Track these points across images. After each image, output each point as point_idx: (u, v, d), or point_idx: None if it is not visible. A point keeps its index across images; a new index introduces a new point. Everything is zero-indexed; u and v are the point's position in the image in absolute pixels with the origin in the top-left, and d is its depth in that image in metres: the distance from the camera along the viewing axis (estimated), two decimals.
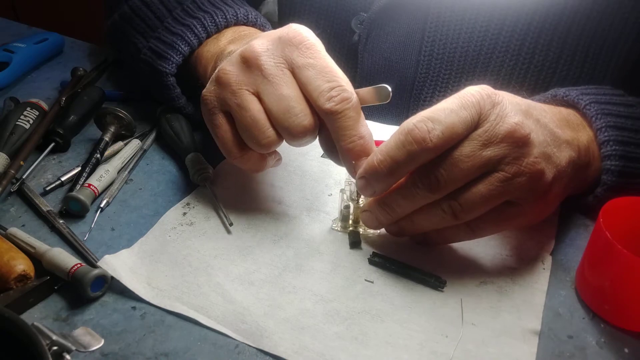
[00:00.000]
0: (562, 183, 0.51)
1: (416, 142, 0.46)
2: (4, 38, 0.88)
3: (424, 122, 0.46)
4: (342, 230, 0.56)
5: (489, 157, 0.47)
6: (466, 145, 0.47)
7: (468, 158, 0.46)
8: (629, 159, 0.54)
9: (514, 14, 0.64)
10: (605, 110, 0.55)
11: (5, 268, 0.49)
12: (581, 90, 0.58)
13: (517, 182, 0.47)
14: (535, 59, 0.65)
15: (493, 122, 0.47)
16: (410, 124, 0.47)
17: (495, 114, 0.47)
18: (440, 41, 0.68)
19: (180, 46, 0.64)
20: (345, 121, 0.50)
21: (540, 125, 0.50)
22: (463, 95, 0.48)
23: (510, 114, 0.48)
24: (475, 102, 0.47)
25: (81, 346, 0.44)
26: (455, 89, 0.69)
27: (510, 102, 0.49)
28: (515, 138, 0.47)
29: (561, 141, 0.51)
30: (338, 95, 0.50)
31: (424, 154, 0.46)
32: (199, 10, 0.66)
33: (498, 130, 0.47)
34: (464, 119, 0.47)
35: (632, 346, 0.47)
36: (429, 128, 0.46)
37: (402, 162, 0.47)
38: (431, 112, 0.47)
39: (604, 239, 0.46)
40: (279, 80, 0.51)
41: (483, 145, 0.47)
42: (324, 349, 0.45)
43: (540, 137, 0.49)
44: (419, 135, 0.46)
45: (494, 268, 0.53)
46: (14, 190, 0.60)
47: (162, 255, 0.53)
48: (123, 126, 0.68)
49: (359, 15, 0.72)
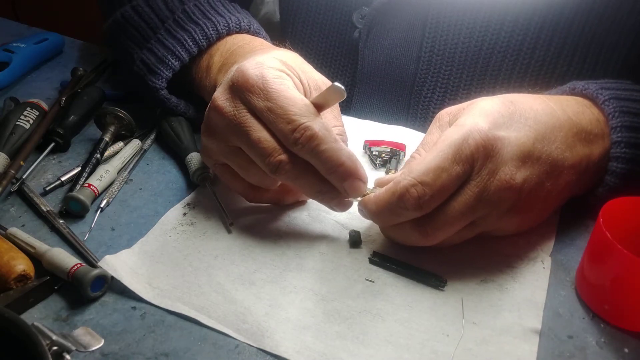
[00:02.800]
0: (552, 208, 0.55)
1: (407, 206, 0.48)
2: (4, 38, 0.88)
3: (415, 187, 0.48)
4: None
5: (479, 210, 0.49)
6: (458, 200, 0.49)
7: (460, 214, 0.49)
8: (636, 162, 0.54)
9: (516, 9, 0.64)
10: (624, 108, 0.54)
11: (5, 268, 0.49)
12: (601, 84, 0.57)
13: (504, 226, 0.52)
14: (536, 55, 0.65)
15: (485, 177, 0.49)
16: (403, 188, 0.48)
17: (488, 168, 0.49)
18: (442, 37, 0.68)
19: (171, 61, 0.64)
20: (319, 156, 0.49)
21: (540, 163, 0.51)
22: (460, 145, 0.48)
23: (504, 169, 0.49)
24: (470, 154, 0.48)
25: (81, 346, 0.44)
26: (456, 85, 0.69)
27: (508, 150, 0.49)
28: (505, 194, 0.49)
29: (563, 168, 0.52)
30: (302, 137, 0.49)
31: (414, 214, 0.49)
32: (190, 21, 0.66)
33: (489, 187, 0.49)
34: (455, 175, 0.48)
35: (632, 346, 0.47)
36: (419, 193, 0.48)
37: (393, 217, 0.51)
38: (423, 174, 0.48)
39: (604, 239, 0.46)
40: (246, 127, 0.51)
41: (474, 200, 0.49)
42: (325, 349, 0.45)
43: (533, 182, 0.50)
44: (410, 201, 0.48)
45: (494, 267, 0.53)
46: (14, 190, 0.60)
47: (162, 256, 0.53)
48: (123, 126, 0.68)
49: (360, 9, 0.72)
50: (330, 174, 0.50)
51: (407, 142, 0.66)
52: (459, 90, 0.69)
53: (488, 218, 0.50)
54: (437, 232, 0.50)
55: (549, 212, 0.55)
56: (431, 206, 0.49)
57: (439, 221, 0.49)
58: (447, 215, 0.49)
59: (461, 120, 0.50)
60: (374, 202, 0.51)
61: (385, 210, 0.50)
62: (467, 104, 0.53)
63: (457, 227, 0.50)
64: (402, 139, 0.66)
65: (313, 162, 0.50)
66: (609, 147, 0.54)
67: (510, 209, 0.50)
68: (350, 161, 0.50)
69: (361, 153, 0.66)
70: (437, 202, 0.49)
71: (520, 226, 0.53)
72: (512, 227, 0.53)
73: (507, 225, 0.52)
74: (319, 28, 0.74)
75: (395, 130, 0.70)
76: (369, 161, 0.65)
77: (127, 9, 0.69)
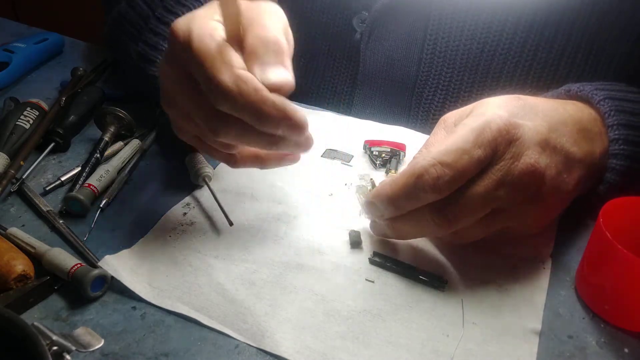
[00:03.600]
0: (565, 203, 0.54)
1: (426, 187, 0.46)
2: (4, 38, 0.88)
3: (434, 166, 0.46)
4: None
5: (502, 197, 0.48)
6: (480, 184, 0.47)
7: (481, 198, 0.47)
8: (635, 159, 0.54)
9: (517, 11, 0.64)
10: (619, 107, 0.55)
11: (5, 268, 0.49)
12: (596, 85, 0.57)
13: (521, 218, 0.50)
14: (537, 57, 0.65)
15: (509, 161, 0.48)
16: (422, 168, 0.46)
17: (512, 152, 0.48)
18: (443, 39, 0.68)
19: (164, 46, 0.64)
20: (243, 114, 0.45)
21: (556, 152, 0.50)
22: (481, 129, 0.47)
23: (527, 153, 0.48)
24: (492, 139, 0.47)
25: (81, 346, 0.44)
26: (457, 88, 0.69)
27: (529, 135, 0.49)
28: (528, 179, 0.48)
29: (575, 161, 0.52)
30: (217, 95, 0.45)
31: (433, 196, 0.47)
32: (178, 4, 0.65)
33: (513, 171, 0.47)
34: (477, 159, 0.47)
35: (632, 346, 0.47)
36: (439, 174, 0.46)
37: (411, 201, 0.48)
38: (443, 154, 0.46)
39: (604, 239, 0.46)
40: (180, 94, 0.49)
41: (497, 184, 0.47)
42: (325, 349, 0.45)
43: (553, 171, 0.50)
44: (429, 182, 0.46)
45: (494, 267, 0.53)
46: (14, 190, 0.60)
47: (162, 256, 0.53)
48: (123, 126, 0.68)
49: (360, 14, 0.72)
50: (261, 127, 0.46)
51: (407, 142, 0.66)
52: (460, 92, 0.69)
53: (509, 208, 0.49)
54: (457, 216, 0.47)
55: (562, 209, 0.54)
56: (451, 188, 0.47)
57: (459, 204, 0.47)
58: (468, 199, 0.47)
59: (479, 111, 0.50)
60: (389, 185, 0.49)
61: (401, 194, 0.48)
62: (474, 105, 0.52)
63: (479, 213, 0.48)
64: (402, 139, 0.66)
65: (242, 118, 0.46)
66: (607, 146, 0.55)
67: (532, 197, 0.49)
68: (275, 110, 0.45)
69: (361, 153, 0.66)
70: (457, 185, 0.47)
71: (537, 221, 0.52)
72: (530, 221, 0.51)
73: (526, 218, 0.50)
74: (320, 30, 0.74)
75: (395, 130, 0.70)
76: (369, 161, 0.65)
77: (123, 6, 0.70)
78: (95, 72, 0.81)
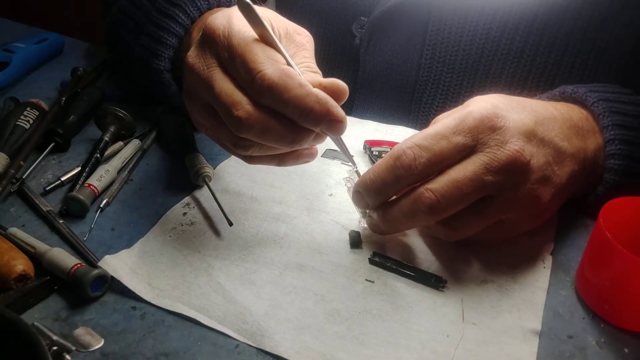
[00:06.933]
0: (559, 198, 0.53)
1: (403, 167, 0.48)
2: (4, 38, 0.88)
3: (412, 148, 0.48)
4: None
5: (489, 182, 0.48)
6: (467, 167, 0.48)
7: (469, 180, 0.48)
8: (633, 159, 0.54)
9: (516, 16, 0.64)
10: (613, 108, 0.55)
11: (5, 268, 0.49)
12: (589, 87, 0.58)
13: (513, 208, 0.50)
14: (537, 62, 0.65)
15: (494, 148, 0.48)
16: (400, 150, 0.49)
17: (496, 139, 0.48)
18: (442, 44, 0.68)
19: (169, 39, 0.64)
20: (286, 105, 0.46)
21: (544, 144, 0.50)
22: (463, 117, 0.49)
23: (512, 140, 0.48)
24: (473, 126, 0.48)
25: (81, 346, 0.44)
26: (456, 92, 0.69)
27: (514, 124, 0.49)
28: (514, 166, 0.48)
29: (565, 155, 0.52)
30: (260, 86, 0.46)
31: (411, 178, 0.49)
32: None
33: (499, 156, 0.48)
34: (455, 144, 0.48)
35: (632, 346, 0.47)
36: (415, 155, 0.48)
37: (390, 183, 0.50)
38: (422, 139, 0.49)
39: (604, 239, 0.46)
40: (210, 81, 0.49)
41: (484, 169, 0.48)
42: (325, 349, 0.45)
43: (541, 160, 0.50)
44: (405, 162, 0.48)
45: (494, 267, 0.53)
46: (14, 190, 0.60)
47: (162, 256, 0.53)
48: (123, 126, 0.68)
49: (359, 20, 0.72)
50: (303, 122, 0.47)
51: None
52: (460, 96, 0.69)
53: (500, 197, 0.49)
54: (445, 197, 0.47)
55: (558, 205, 0.54)
56: (428, 170, 0.48)
57: (447, 186, 0.47)
58: (455, 182, 0.47)
59: (464, 105, 0.51)
60: (371, 171, 0.51)
61: (382, 176, 0.49)
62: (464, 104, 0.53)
63: (468, 197, 0.48)
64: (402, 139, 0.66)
65: (283, 112, 0.47)
66: (602, 144, 0.55)
67: (521, 186, 0.49)
68: (319, 105, 0.46)
69: (361, 153, 0.66)
70: (434, 168, 0.48)
71: (531, 215, 0.52)
72: (524, 214, 0.51)
73: (519, 209, 0.50)
74: (320, 34, 0.74)
75: (395, 131, 0.70)
76: (369, 161, 0.65)
77: (122, 2, 0.70)
78: (95, 72, 0.81)
